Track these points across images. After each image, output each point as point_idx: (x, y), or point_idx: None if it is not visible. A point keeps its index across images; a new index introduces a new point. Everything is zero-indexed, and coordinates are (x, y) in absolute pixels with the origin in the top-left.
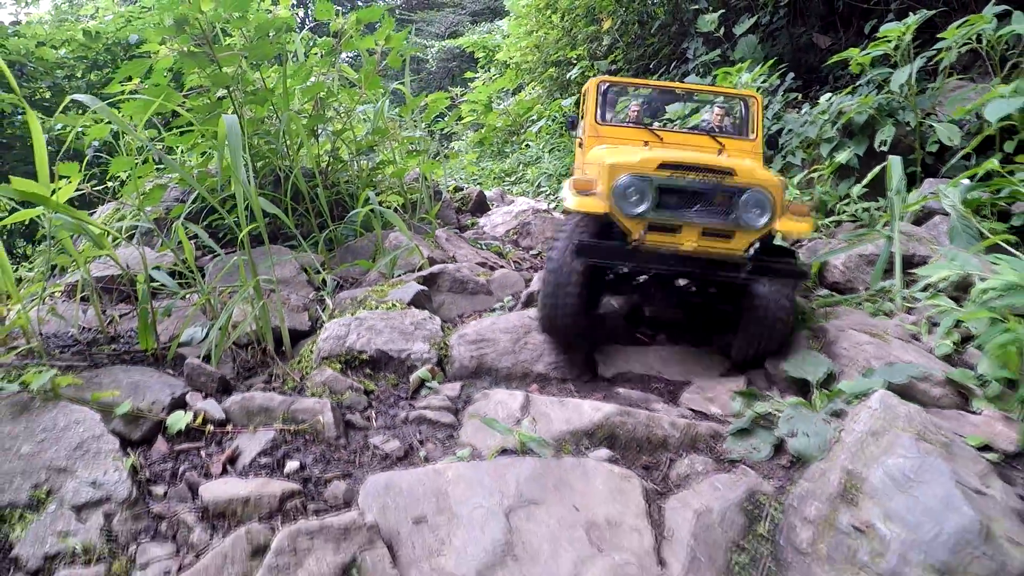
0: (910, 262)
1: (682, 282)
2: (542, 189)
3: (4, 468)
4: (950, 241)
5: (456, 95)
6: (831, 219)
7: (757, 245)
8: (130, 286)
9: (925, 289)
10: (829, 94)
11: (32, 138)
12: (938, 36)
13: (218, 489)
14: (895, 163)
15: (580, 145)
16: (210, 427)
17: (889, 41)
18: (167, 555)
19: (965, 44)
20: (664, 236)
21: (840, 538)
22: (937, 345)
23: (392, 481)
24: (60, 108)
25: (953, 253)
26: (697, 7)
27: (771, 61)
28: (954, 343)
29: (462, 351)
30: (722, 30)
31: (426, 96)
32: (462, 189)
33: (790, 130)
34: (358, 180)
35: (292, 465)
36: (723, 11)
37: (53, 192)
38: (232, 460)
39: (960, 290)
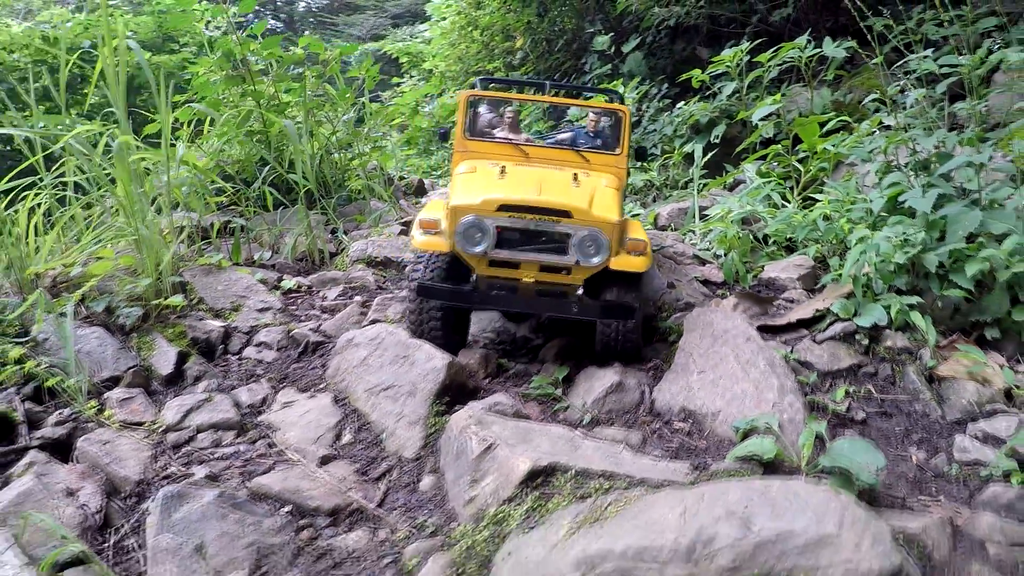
0: None
1: None
2: None
3: (213, 295)
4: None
5: (385, 98)
6: (677, 192)
7: (581, 290)
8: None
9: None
10: (682, 102)
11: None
12: (754, 60)
13: (327, 302)
14: (698, 149)
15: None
16: (304, 288)
17: (727, 63)
18: (311, 323)
19: (786, 63)
20: (505, 271)
21: None
22: (699, 244)
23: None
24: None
25: (724, 199)
26: (593, 30)
27: (636, 79)
28: (710, 244)
29: None
30: (613, 48)
31: (382, 106)
32: (405, 177)
33: (655, 130)
34: (337, 167)
35: (357, 299)
36: (613, 34)
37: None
38: (323, 298)
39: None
